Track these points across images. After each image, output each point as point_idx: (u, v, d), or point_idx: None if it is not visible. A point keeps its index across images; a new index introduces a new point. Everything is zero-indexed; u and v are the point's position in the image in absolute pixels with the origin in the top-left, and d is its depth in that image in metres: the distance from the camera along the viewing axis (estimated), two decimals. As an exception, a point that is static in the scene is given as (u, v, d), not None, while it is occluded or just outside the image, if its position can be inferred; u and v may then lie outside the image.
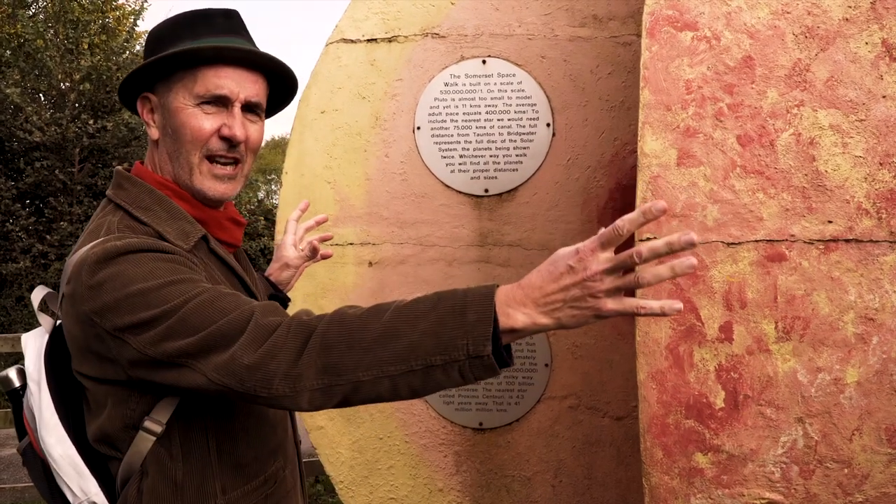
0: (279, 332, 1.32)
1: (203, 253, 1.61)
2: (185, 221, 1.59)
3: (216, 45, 1.57)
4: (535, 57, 3.23)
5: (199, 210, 1.64)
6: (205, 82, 1.58)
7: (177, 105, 1.59)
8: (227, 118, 1.60)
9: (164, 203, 1.60)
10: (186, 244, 1.55)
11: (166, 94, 1.61)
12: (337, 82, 3.33)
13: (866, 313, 2.04)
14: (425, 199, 3.26)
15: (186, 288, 1.39)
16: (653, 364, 2.12)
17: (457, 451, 3.23)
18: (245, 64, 1.62)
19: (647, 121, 2.17)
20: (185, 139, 1.59)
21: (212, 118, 1.59)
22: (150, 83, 1.64)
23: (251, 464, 1.59)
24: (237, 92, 1.60)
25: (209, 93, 1.58)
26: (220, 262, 1.64)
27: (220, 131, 1.59)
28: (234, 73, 1.60)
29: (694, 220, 2.12)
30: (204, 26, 1.62)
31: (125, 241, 1.44)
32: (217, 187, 1.63)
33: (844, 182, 2.08)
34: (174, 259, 1.45)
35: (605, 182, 3.18)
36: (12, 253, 12.56)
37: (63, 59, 13.19)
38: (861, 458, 2.04)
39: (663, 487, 2.11)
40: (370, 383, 1.27)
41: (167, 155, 1.63)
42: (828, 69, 2.12)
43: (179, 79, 1.59)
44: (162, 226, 1.56)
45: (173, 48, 1.58)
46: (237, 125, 1.60)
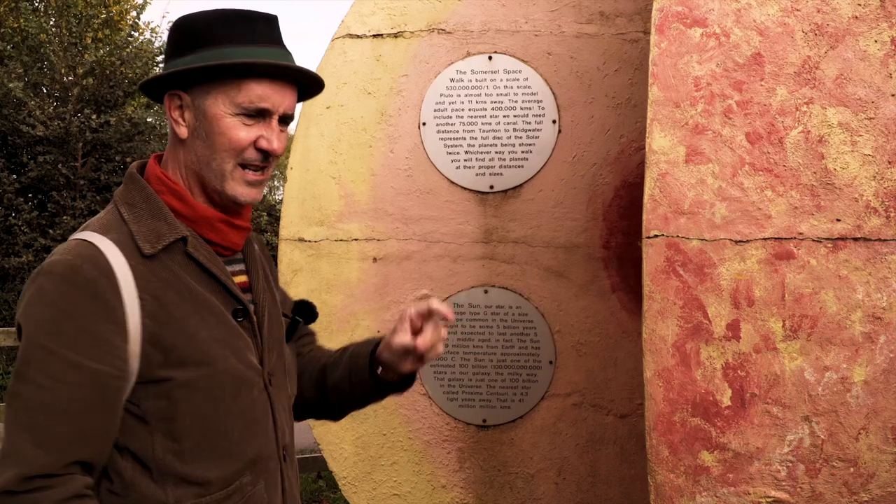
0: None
1: (177, 257, 1.57)
2: (164, 222, 1.58)
3: (269, 62, 1.56)
4: (541, 53, 3.22)
5: (191, 209, 1.62)
6: (248, 94, 1.56)
7: (216, 112, 1.57)
8: (264, 130, 1.59)
9: (151, 201, 1.60)
10: (152, 247, 1.53)
11: (203, 97, 1.58)
12: (342, 78, 3.32)
13: (874, 312, 2.03)
14: (430, 195, 3.25)
15: (49, 370, 1.43)
16: (659, 362, 2.11)
17: (460, 447, 3.23)
18: (286, 78, 1.61)
19: (655, 117, 2.16)
20: (221, 147, 1.57)
21: (250, 129, 1.58)
22: (183, 82, 1.60)
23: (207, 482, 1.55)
24: (278, 105, 1.60)
25: (253, 105, 1.57)
26: (198, 267, 1.60)
27: (257, 143, 1.58)
28: (277, 86, 1.59)
29: (702, 217, 2.11)
30: (245, 30, 1.59)
31: (63, 260, 1.48)
32: (249, 193, 1.62)
33: (853, 180, 2.07)
34: (81, 312, 1.46)
35: (610, 179, 3.17)
36: (15, 247, 12.55)
37: (66, 54, 13.17)
38: (867, 457, 2.03)
39: (669, 485, 2.11)
40: None
41: (196, 157, 1.61)
42: (837, 67, 2.11)
43: (220, 85, 1.57)
44: (138, 224, 1.56)
45: (212, 49, 1.56)
46: (276, 139, 1.60)
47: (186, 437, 1.53)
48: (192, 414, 1.53)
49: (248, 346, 1.64)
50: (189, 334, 1.53)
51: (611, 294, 3.17)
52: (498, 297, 3.23)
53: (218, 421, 1.56)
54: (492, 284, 3.23)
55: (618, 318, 3.16)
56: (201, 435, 1.55)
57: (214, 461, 1.56)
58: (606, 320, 3.17)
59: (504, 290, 3.23)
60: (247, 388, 1.61)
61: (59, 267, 1.47)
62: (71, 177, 12.99)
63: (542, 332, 3.19)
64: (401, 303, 3.24)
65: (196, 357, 1.53)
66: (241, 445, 1.60)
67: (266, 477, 1.64)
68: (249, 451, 1.61)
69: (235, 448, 1.59)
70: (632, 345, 3.13)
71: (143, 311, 1.49)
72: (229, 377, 1.57)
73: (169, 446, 1.52)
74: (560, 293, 3.19)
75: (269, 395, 1.67)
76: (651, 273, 2.13)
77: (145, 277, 1.52)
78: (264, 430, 1.65)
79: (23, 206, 12.68)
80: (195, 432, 1.54)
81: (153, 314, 1.50)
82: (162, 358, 1.50)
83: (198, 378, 1.53)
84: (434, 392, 3.24)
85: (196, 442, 1.54)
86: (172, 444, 1.52)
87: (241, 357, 1.61)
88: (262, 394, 1.65)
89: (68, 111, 12.94)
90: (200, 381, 1.53)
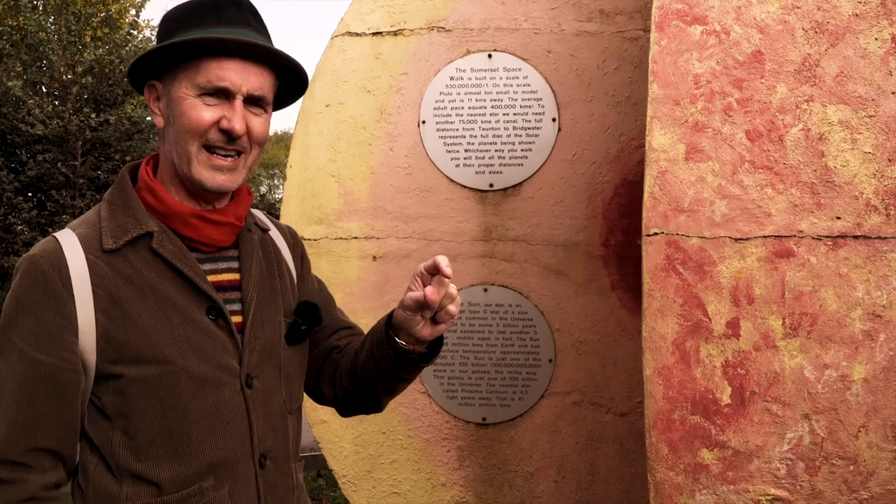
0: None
1: (142, 253, 1.58)
2: (131, 217, 1.59)
3: (219, 36, 1.55)
4: (541, 51, 3.22)
5: (162, 204, 1.61)
6: (207, 73, 1.56)
7: (179, 94, 1.58)
8: (227, 110, 1.58)
9: (126, 197, 1.63)
10: (114, 243, 1.56)
11: (171, 82, 1.60)
12: (342, 76, 3.32)
13: (874, 310, 2.03)
14: (430, 193, 3.25)
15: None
16: (659, 360, 2.11)
17: (460, 445, 3.23)
18: (249, 56, 1.59)
19: (655, 115, 2.16)
20: (183, 129, 1.57)
21: (212, 109, 1.57)
22: (157, 71, 1.63)
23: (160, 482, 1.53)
24: (239, 84, 1.58)
25: (210, 84, 1.56)
26: (164, 263, 1.58)
27: (219, 123, 1.57)
28: (238, 65, 1.58)
29: (702, 215, 2.11)
30: (212, 16, 1.60)
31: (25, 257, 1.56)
32: (216, 178, 1.60)
33: (853, 178, 2.07)
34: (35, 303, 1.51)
35: (610, 177, 3.17)
36: (14, 246, 12.55)
37: (65, 52, 13.17)
38: (867, 454, 2.03)
39: (668, 483, 2.11)
40: None
41: (169, 144, 1.62)
42: (837, 65, 2.11)
43: (183, 69, 1.58)
44: (109, 220, 1.59)
45: (180, 37, 1.56)
46: (237, 118, 1.58)
47: (141, 435, 1.53)
48: (146, 412, 1.52)
49: (224, 345, 1.61)
50: (144, 331, 1.52)
51: (610, 292, 3.17)
52: (497, 296, 3.23)
53: (175, 420, 1.54)
54: (491, 283, 3.23)
55: (617, 316, 3.16)
56: (156, 434, 1.54)
57: (169, 461, 1.54)
58: (606, 318, 3.17)
59: (504, 289, 3.23)
60: (212, 389, 1.58)
61: (24, 262, 1.54)
62: (70, 175, 12.99)
63: (542, 330, 3.19)
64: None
65: (150, 354, 1.52)
66: (200, 447, 1.56)
67: (233, 482, 1.59)
68: (211, 453, 1.57)
69: (194, 449, 1.56)
70: (631, 343, 3.12)
71: (96, 306, 1.51)
72: (188, 377, 1.55)
73: (125, 442, 1.53)
74: (560, 291, 3.19)
75: (245, 398, 1.62)
76: (651, 271, 2.13)
77: (101, 273, 1.53)
78: (234, 433, 1.60)
79: (22, 205, 12.68)
80: (150, 430, 1.53)
81: (106, 310, 1.51)
82: (114, 354, 1.51)
83: (152, 376, 1.52)
84: (433, 390, 3.23)
85: (150, 440, 1.53)
86: (128, 441, 1.53)
87: (206, 357, 1.58)
88: (235, 396, 1.61)
89: (67, 110, 12.94)
90: (155, 379, 1.52)
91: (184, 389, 1.54)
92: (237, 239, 1.73)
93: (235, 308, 1.67)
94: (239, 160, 1.63)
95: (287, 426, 1.75)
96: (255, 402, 1.64)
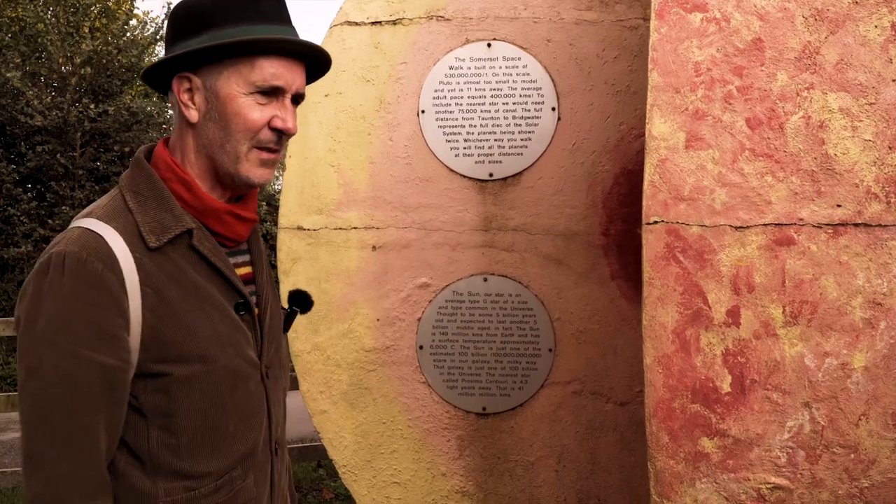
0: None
1: (181, 249, 1.55)
2: (170, 213, 1.55)
3: (282, 37, 1.54)
4: (540, 40, 3.21)
5: (199, 201, 1.59)
6: (262, 72, 1.54)
7: (228, 92, 1.54)
8: (278, 109, 1.57)
9: (157, 190, 1.56)
10: (157, 240, 1.51)
11: (214, 78, 1.55)
12: (341, 65, 3.31)
13: (874, 298, 2.03)
14: (429, 183, 3.25)
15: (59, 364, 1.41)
16: (659, 348, 2.11)
17: (460, 435, 3.23)
18: (297, 56, 1.59)
19: (655, 103, 2.15)
20: (237, 128, 1.55)
21: (264, 109, 1.55)
22: (192, 63, 1.57)
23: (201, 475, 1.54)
24: (291, 84, 1.58)
25: (266, 83, 1.54)
26: (202, 260, 1.58)
27: (271, 122, 1.56)
28: (289, 64, 1.57)
29: (702, 203, 2.11)
30: (252, 9, 1.56)
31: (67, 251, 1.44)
32: (263, 174, 1.60)
33: (853, 166, 2.06)
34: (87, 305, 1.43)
35: (610, 167, 3.16)
36: (14, 237, 12.54)
37: (64, 43, 13.13)
38: (867, 443, 2.03)
39: (668, 472, 2.11)
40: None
41: (209, 140, 1.58)
42: (837, 52, 2.10)
43: (233, 64, 1.54)
44: (143, 214, 1.53)
45: (222, 29, 1.53)
46: (290, 118, 1.58)
47: (183, 433, 1.52)
48: (190, 409, 1.52)
49: (248, 339, 1.63)
50: (190, 330, 1.51)
51: (610, 281, 3.16)
52: (497, 285, 3.22)
53: (215, 416, 1.55)
54: (491, 272, 3.23)
55: (617, 305, 3.16)
56: (198, 430, 1.53)
57: (210, 456, 1.55)
58: (606, 308, 3.16)
59: (503, 278, 3.22)
60: (243, 383, 1.59)
61: (67, 260, 1.43)
62: (70, 167, 12.97)
63: (542, 319, 3.19)
64: (400, 291, 3.23)
65: (196, 353, 1.51)
66: (235, 439, 1.58)
67: (255, 471, 1.63)
68: (244, 445, 1.60)
69: (230, 442, 1.58)
70: (631, 332, 3.12)
71: (143, 305, 1.47)
72: (228, 373, 1.56)
73: (164, 440, 1.51)
74: (560, 281, 3.18)
75: (266, 389, 1.66)
76: (651, 259, 2.12)
77: (148, 270, 1.49)
78: (259, 423, 1.64)
79: (21, 197, 12.66)
80: (192, 428, 1.53)
81: (154, 308, 1.48)
82: (160, 352, 1.48)
83: (197, 374, 1.51)
84: (433, 380, 3.23)
85: (192, 437, 1.53)
86: (168, 439, 1.51)
87: (240, 351, 1.59)
88: (258, 387, 1.64)
89: (66, 101, 12.91)
90: (199, 377, 1.52)
91: (224, 385, 1.55)
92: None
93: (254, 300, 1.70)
94: (278, 155, 1.63)
95: (286, 412, 1.82)
96: (271, 392, 1.68)
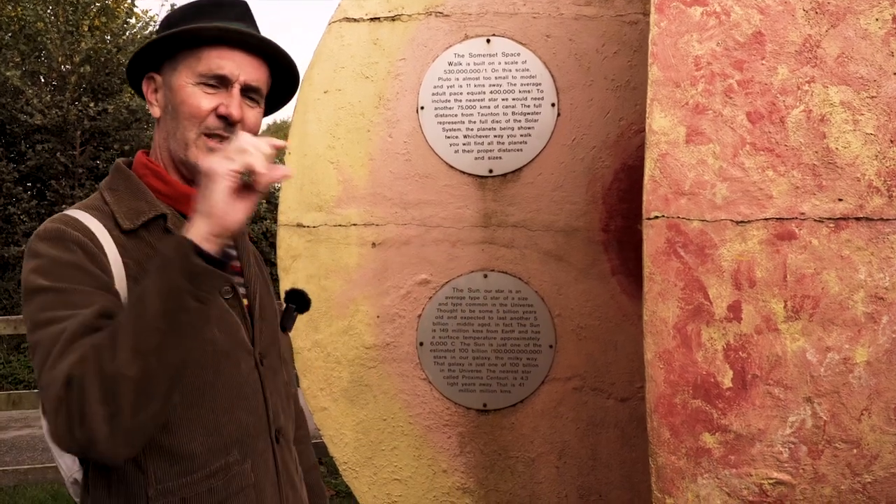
0: (66, 391, 1.32)
1: (157, 234, 1.62)
2: (143, 201, 1.64)
3: (219, 25, 1.63)
4: (539, 36, 3.20)
5: (171, 188, 1.67)
6: (207, 62, 1.63)
7: (179, 83, 1.64)
8: (225, 97, 1.64)
9: (132, 183, 1.66)
10: (132, 223, 1.59)
11: (171, 73, 1.67)
12: (340, 62, 3.30)
13: (876, 292, 2.02)
14: (429, 179, 3.24)
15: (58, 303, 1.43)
16: (660, 343, 2.10)
17: (461, 432, 3.22)
18: (247, 48, 1.67)
19: (655, 97, 2.14)
20: (183, 116, 1.63)
21: (211, 97, 1.64)
22: (156, 64, 1.70)
23: (192, 455, 1.55)
24: (237, 73, 1.65)
25: (210, 72, 1.63)
26: None
27: (217, 110, 1.63)
28: (236, 55, 1.66)
29: (703, 197, 2.10)
30: (213, 13, 1.68)
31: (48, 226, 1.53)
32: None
33: (855, 160, 2.05)
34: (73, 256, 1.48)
35: (610, 162, 3.15)
36: (14, 236, 12.56)
37: (63, 42, 13.14)
38: (870, 438, 2.02)
39: (670, 467, 2.10)
40: (147, 346, 1.32)
41: (166, 132, 1.68)
42: (838, 45, 2.09)
43: (184, 58, 1.65)
44: (118, 205, 1.62)
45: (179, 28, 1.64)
46: (234, 105, 1.64)
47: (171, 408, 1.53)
48: None
49: (236, 323, 1.66)
50: None
51: (611, 277, 3.16)
52: (497, 282, 3.22)
53: (203, 392, 1.57)
54: (491, 269, 3.22)
55: (618, 301, 3.15)
56: (186, 406, 1.55)
57: (199, 432, 1.56)
58: (606, 304, 3.16)
59: (503, 275, 3.22)
60: (233, 363, 1.62)
61: (47, 232, 1.52)
62: (69, 165, 12.99)
63: (542, 316, 3.18)
64: (400, 288, 3.23)
65: None
66: (227, 417, 1.60)
67: (254, 458, 1.65)
68: (235, 425, 1.62)
69: (221, 419, 1.59)
70: (632, 328, 3.12)
71: (126, 275, 1.53)
72: (213, 348, 1.58)
73: None
74: (560, 277, 3.18)
75: (260, 374, 1.69)
76: (651, 254, 2.11)
77: (127, 247, 1.56)
78: (253, 407, 1.66)
79: (21, 195, 12.68)
80: (180, 402, 1.54)
81: (136, 278, 1.52)
82: None
83: None
84: (434, 377, 3.23)
85: (181, 412, 1.55)
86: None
87: (226, 331, 1.62)
88: (251, 372, 1.67)
89: (66, 99, 12.92)
90: None
91: (210, 360, 1.58)
92: None
93: (242, 292, 1.74)
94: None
95: (290, 407, 1.85)
96: (266, 379, 1.71)
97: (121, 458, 1.36)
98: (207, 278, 1.36)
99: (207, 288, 1.37)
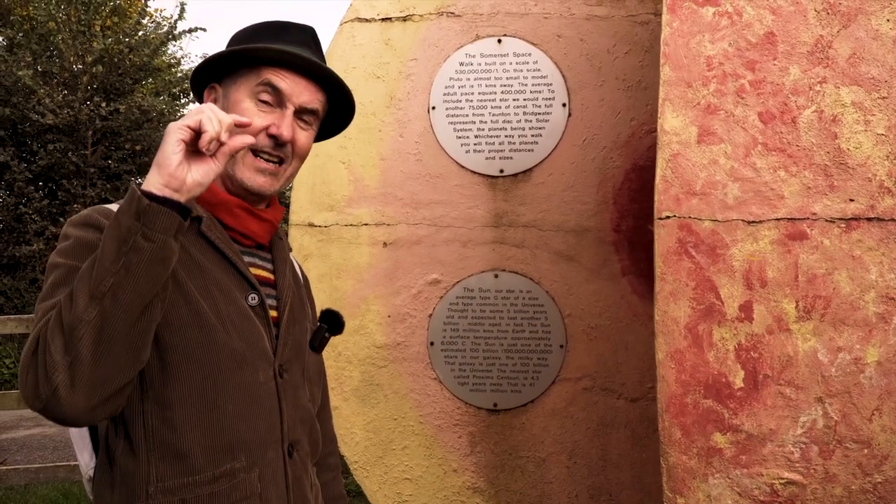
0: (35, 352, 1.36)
1: (190, 237, 1.61)
2: None
3: (278, 47, 1.65)
4: (551, 36, 3.20)
5: (211, 194, 1.67)
6: (265, 78, 1.66)
7: (236, 97, 1.67)
8: (277, 118, 1.66)
9: None
10: None
11: (230, 86, 1.70)
12: (351, 62, 3.31)
13: (887, 292, 2.02)
14: (440, 179, 3.25)
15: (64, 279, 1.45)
16: (671, 343, 2.10)
17: (471, 431, 3.23)
18: (305, 73, 1.69)
19: (667, 97, 2.14)
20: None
21: (264, 116, 1.65)
22: (219, 75, 1.73)
23: (194, 455, 1.54)
24: (292, 94, 1.67)
25: (268, 81, 1.66)
26: (210, 246, 1.64)
27: (268, 129, 1.65)
28: (295, 78, 1.68)
29: (714, 197, 2.10)
30: (278, 35, 1.72)
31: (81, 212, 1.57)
32: (257, 179, 1.67)
33: (866, 160, 2.05)
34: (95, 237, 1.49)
35: (621, 162, 3.15)
36: (26, 235, 12.61)
37: (75, 42, 13.18)
38: (881, 438, 2.02)
39: (681, 467, 2.10)
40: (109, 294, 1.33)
41: None
42: (850, 46, 2.09)
43: (244, 75, 1.68)
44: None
45: (242, 46, 1.68)
46: (286, 125, 1.66)
47: (178, 405, 1.53)
48: (184, 381, 1.53)
49: (259, 332, 1.64)
50: (190, 299, 1.54)
51: (621, 278, 3.16)
52: (508, 282, 3.22)
53: (213, 391, 1.56)
54: (502, 268, 3.23)
55: (629, 301, 3.15)
56: (194, 405, 1.54)
57: (203, 431, 1.55)
58: (617, 304, 3.16)
59: (514, 275, 3.22)
60: (249, 369, 1.61)
61: (78, 217, 1.55)
62: (81, 165, 13.02)
63: (553, 316, 3.19)
64: (411, 287, 3.23)
65: (196, 320, 1.54)
66: (235, 421, 1.58)
67: (262, 467, 1.62)
68: (244, 431, 1.59)
69: (229, 422, 1.58)
70: (643, 328, 3.12)
71: None
72: (228, 351, 1.57)
73: (158, 413, 1.52)
74: (570, 277, 3.18)
75: (278, 385, 1.66)
76: (663, 254, 2.12)
77: None
78: (266, 415, 1.64)
79: (33, 195, 12.72)
80: (187, 401, 1.54)
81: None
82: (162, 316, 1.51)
83: (194, 342, 1.54)
84: (445, 376, 3.24)
85: (188, 411, 1.54)
86: (163, 412, 1.52)
87: (245, 338, 1.61)
88: (269, 381, 1.65)
89: (78, 99, 12.96)
90: (196, 347, 1.54)
91: (223, 362, 1.57)
92: (270, 244, 1.80)
93: (272, 303, 1.73)
94: (280, 168, 1.70)
95: (313, 422, 1.80)
96: (285, 391, 1.69)
97: (80, 413, 1.35)
98: (153, 215, 1.36)
99: (156, 226, 1.36)
